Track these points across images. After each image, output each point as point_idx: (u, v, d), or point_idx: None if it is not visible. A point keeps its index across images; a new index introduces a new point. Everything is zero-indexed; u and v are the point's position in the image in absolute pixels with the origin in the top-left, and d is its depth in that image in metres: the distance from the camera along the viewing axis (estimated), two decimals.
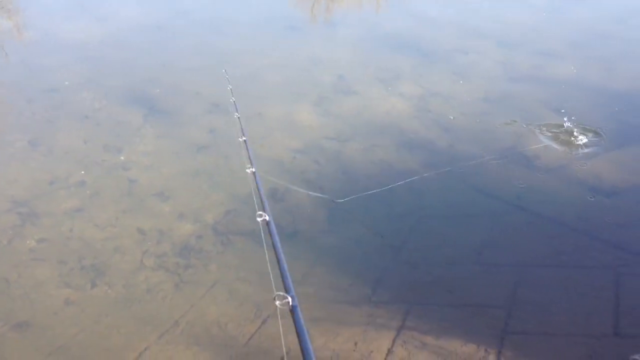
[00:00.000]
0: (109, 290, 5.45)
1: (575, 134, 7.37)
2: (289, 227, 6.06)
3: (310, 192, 5.82)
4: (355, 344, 4.53)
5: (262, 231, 2.83)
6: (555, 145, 7.21)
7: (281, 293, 2.27)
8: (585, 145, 7.19)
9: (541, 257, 5.31)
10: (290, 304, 2.30)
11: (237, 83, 9.09)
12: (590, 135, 7.40)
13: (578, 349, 4.22)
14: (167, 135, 7.77)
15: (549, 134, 7.47)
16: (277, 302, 2.31)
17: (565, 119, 7.71)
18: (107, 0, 14.22)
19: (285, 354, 4.39)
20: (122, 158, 7.29)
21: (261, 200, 3.10)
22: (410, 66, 9.92)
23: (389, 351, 4.38)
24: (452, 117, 7.97)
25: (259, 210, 2.93)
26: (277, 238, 2.71)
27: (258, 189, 3.36)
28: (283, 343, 2.46)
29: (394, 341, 4.48)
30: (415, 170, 6.80)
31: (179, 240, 5.99)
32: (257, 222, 5.44)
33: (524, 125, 7.74)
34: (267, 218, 2.86)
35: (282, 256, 2.55)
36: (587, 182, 6.46)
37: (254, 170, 3.68)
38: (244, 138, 4.28)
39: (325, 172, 6.92)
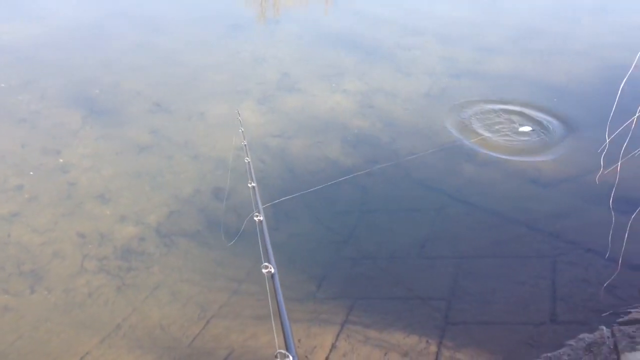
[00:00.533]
0: (48, 295, 5.32)
1: (514, 126, 7.56)
2: (233, 226, 6.02)
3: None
4: (299, 340, 4.54)
5: (266, 282, 2.73)
6: (495, 138, 7.37)
7: (282, 351, 2.19)
8: (524, 137, 7.37)
9: (481, 248, 5.42)
10: None
11: (178, 82, 9.05)
12: (529, 127, 7.58)
13: (517, 336, 4.32)
14: (107, 136, 7.62)
15: (489, 127, 7.63)
16: None
17: (504, 112, 7.89)
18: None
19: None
20: (60, 161, 7.12)
21: (267, 250, 2.99)
22: (354, 63, 9.98)
23: (333, 346, 4.40)
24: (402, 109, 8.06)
25: (265, 262, 2.81)
26: (280, 293, 2.60)
27: (264, 239, 3.23)
28: None
29: (337, 336, 4.51)
30: (359, 165, 6.85)
31: (120, 243, 5.89)
32: (200, 219, 5.49)
33: (465, 119, 7.88)
34: (272, 270, 2.72)
35: (285, 313, 2.44)
36: (526, 173, 6.62)
37: (261, 219, 3.54)
38: (253, 184, 4.17)
39: (270, 170, 6.91)
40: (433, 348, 4.20)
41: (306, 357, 4.34)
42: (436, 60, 10.14)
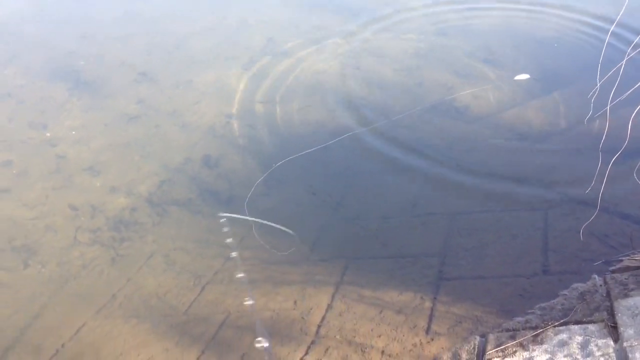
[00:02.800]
0: (42, 269, 5.32)
1: (503, 81, 7.49)
2: (225, 192, 6.01)
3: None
4: (295, 302, 4.56)
5: None
6: (484, 94, 7.30)
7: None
8: (513, 92, 7.32)
9: (472, 205, 5.41)
10: None
11: (164, 50, 8.93)
12: (518, 82, 7.52)
13: (510, 289, 4.34)
14: (94, 108, 7.54)
15: (479, 83, 7.55)
16: None
17: (493, 68, 7.82)
18: None
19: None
20: (48, 134, 7.07)
21: None
22: (341, 24, 9.84)
23: (329, 306, 4.43)
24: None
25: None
26: None
27: None
28: None
29: (333, 296, 4.53)
30: (349, 126, 6.80)
31: (112, 214, 5.88)
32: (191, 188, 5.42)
33: (454, 77, 7.80)
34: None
35: None
36: (516, 128, 6.59)
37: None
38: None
39: (260, 135, 6.87)
40: (428, 304, 4.22)
41: (303, 318, 4.36)
42: (424, 18, 9.99)
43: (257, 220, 5.52)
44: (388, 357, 3.83)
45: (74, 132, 7.08)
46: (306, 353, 4.04)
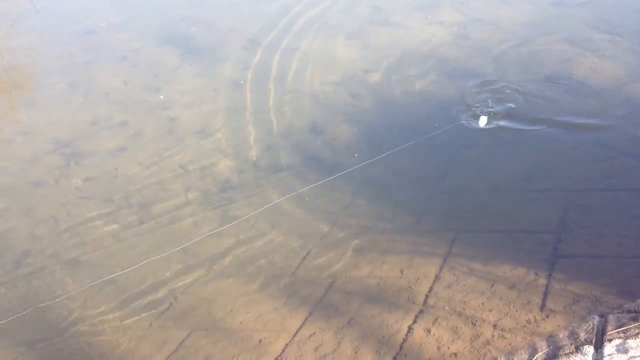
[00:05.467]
0: (156, 225, 5.54)
1: (623, 54, 7.04)
2: (328, 160, 6.02)
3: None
4: (402, 271, 4.52)
5: None
6: (605, 63, 6.88)
7: None
8: (634, 66, 6.87)
9: (590, 182, 5.16)
10: None
11: (272, 18, 8.99)
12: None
13: (630, 269, 4.11)
14: (204, 73, 7.73)
15: (596, 55, 7.13)
16: None
17: (610, 36, 7.35)
18: None
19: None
20: (161, 97, 7.31)
21: None
22: None
23: (437, 277, 4.36)
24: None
25: None
26: None
27: None
28: None
29: (441, 268, 4.45)
30: (456, 99, 6.62)
31: (221, 176, 6.03)
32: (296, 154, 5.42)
33: (571, 47, 7.41)
34: None
35: None
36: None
37: None
38: None
39: (364, 105, 6.81)
40: (542, 280, 4.07)
41: (410, 287, 4.32)
42: None
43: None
44: (500, 332, 3.73)
45: (185, 97, 7.29)
46: (414, 322, 4.00)
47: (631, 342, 3.30)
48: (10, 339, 4.71)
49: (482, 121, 6.17)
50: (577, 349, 3.41)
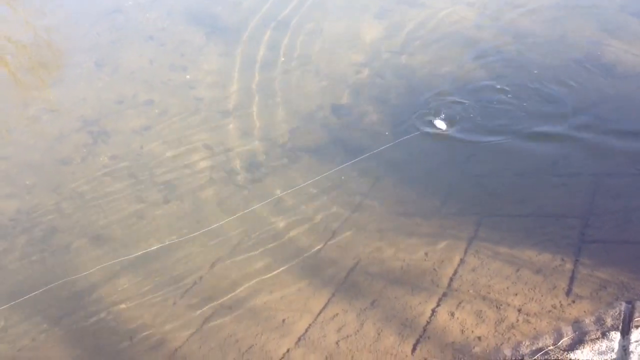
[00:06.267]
0: (181, 204, 5.58)
1: None
2: (353, 142, 5.99)
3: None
4: (426, 254, 4.51)
5: None
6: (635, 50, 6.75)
7: None
8: None
9: (619, 167, 5.07)
10: None
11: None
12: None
13: None
14: (230, 53, 7.70)
15: (627, 39, 6.98)
16: None
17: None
18: None
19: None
20: (187, 77, 7.31)
21: None
22: None
23: (461, 260, 4.34)
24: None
25: None
26: None
27: None
28: None
29: (465, 251, 4.43)
30: (483, 80, 6.54)
31: (245, 156, 6.04)
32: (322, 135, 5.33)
33: (600, 31, 7.25)
34: None
35: None
36: None
37: None
38: None
39: (390, 86, 6.76)
40: (568, 265, 4.03)
41: (434, 270, 4.31)
42: None
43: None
44: (525, 316, 3.71)
45: (210, 76, 7.29)
46: (438, 304, 4.00)
47: None
48: (38, 312, 4.79)
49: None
50: (604, 335, 3.38)
